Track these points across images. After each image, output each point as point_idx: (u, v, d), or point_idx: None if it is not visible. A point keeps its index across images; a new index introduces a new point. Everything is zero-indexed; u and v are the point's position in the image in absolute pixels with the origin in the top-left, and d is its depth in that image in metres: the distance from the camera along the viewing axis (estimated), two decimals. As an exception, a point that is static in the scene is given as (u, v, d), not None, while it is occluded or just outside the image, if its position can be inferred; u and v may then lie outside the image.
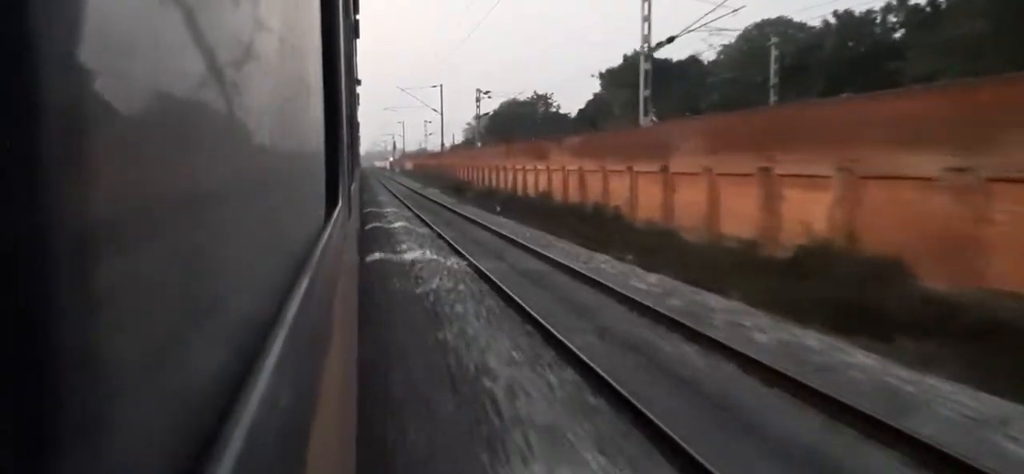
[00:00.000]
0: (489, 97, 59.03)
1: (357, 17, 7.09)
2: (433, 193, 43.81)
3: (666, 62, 41.11)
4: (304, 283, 0.88)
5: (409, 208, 32.22)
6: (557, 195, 28.14)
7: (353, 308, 3.26)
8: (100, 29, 0.31)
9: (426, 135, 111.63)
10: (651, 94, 40.69)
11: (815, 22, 33.79)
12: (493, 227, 22.44)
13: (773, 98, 25.93)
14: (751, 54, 35.19)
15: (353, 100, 6.29)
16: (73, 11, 0.29)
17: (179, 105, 0.45)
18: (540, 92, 68.67)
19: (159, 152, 0.41)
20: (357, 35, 7.32)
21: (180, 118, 0.45)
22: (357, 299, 4.34)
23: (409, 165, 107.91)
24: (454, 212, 30.16)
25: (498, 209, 28.46)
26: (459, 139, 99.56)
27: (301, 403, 0.76)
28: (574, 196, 26.67)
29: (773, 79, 26.89)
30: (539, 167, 31.08)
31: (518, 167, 34.94)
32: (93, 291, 0.31)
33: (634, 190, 21.63)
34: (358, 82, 10.31)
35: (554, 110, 65.97)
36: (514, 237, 19.72)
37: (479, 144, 56.39)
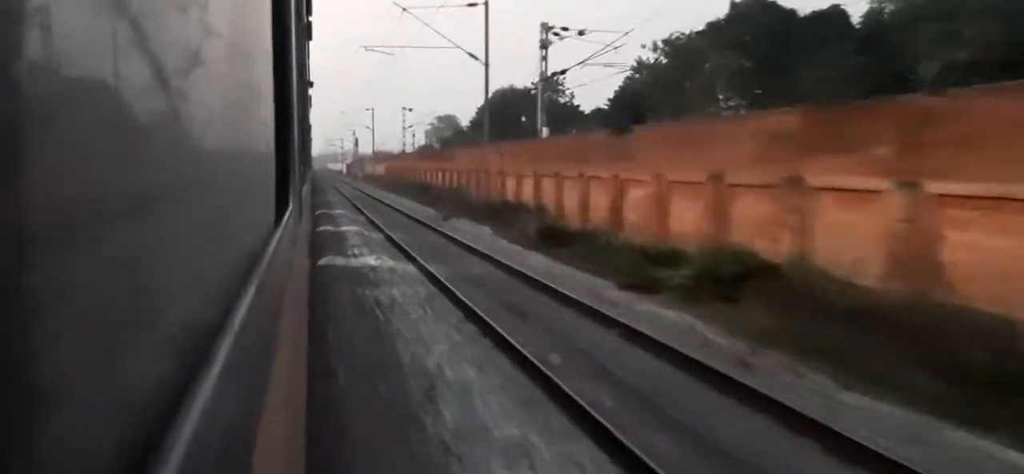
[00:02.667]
0: (581, 35, 26.98)
1: (310, 19, 6.99)
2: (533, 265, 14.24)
3: (790, 14, 26.34)
4: (252, 288, 0.86)
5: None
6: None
7: (302, 313, 3.20)
8: (43, 31, 0.30)
9: (405, 127, 76.23)
10: (756, 63, 24.67)
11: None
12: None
13: None
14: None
15: (305, 102, 6.18)
16: (15, 13, 0.28)
17: (123, 107, 0.44)
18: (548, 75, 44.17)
19: (102, 155, 0.40)
20: (309, 37, 7.21)
21: (125, 120, 0.44)
22: (307, 303, 4.26)
23: (380, 169, 75.01)
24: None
25: None
26: (409, 144, 77.63)
27: (246, 412, 0.75)
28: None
29: None
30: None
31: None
32: (32, 295, 0.30)
33: None
34: (310, 84, 10.16)
35: (565, 101, 44.86)
36: None
37: (545, 131, 29.11)
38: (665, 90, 28.62)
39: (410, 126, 77.93)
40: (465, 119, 68.14)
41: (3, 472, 0.27)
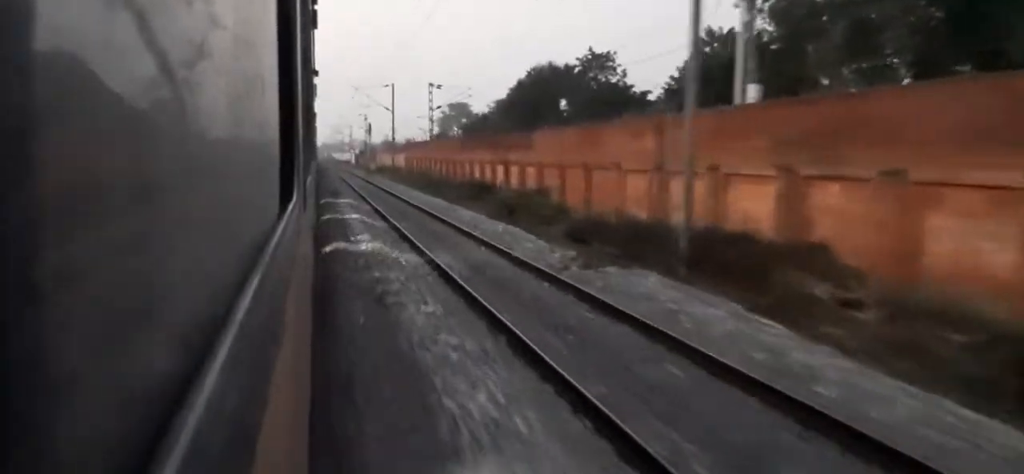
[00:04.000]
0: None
1: (315, 7, 6.99)
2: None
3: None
4: (256, 280, 0.86)
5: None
6: None
7: (306, 304, 3.22)
8: (43, 21, 0.30)
9: (433, 108, 63.52)
10: (949, 15, 15.74)
11: None
12: None
13: None
14: None
15: (310, 91, 6.19)
16: (16, 4, 0.28)
17: (125, 98, 0.43)
18: (597, 51, 35.40)
19: (103, 147, 0.40)
20: (315, 26, 7.21)
21: (126, 111, 0.44)
22: (310, 295, 4.28)
23: (399, 159, 66.19)
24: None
25: None
26: (412, 136, 71.96)
27: (250, 404, 0.75)
28: None
29: None
30: None
31: None
32: (34, 289, 0.29)
33: None
34: (315, 73, 10.16)
35: (617, 80, 34.90)
36: None
37: (753, 92, 17.26)
38: (774, 58, 20.51)
39: (438, 106, 65.86)
40: (479, 106, 61.50)
41: (7, 465, 0.27)
